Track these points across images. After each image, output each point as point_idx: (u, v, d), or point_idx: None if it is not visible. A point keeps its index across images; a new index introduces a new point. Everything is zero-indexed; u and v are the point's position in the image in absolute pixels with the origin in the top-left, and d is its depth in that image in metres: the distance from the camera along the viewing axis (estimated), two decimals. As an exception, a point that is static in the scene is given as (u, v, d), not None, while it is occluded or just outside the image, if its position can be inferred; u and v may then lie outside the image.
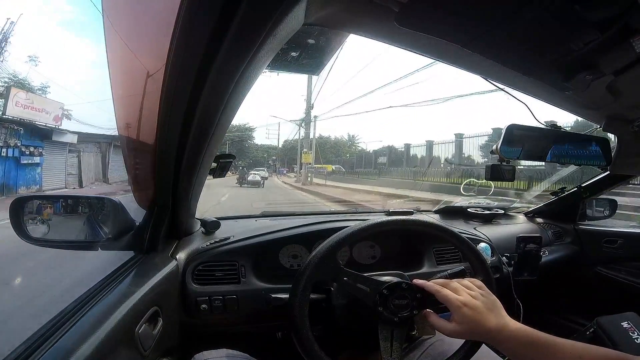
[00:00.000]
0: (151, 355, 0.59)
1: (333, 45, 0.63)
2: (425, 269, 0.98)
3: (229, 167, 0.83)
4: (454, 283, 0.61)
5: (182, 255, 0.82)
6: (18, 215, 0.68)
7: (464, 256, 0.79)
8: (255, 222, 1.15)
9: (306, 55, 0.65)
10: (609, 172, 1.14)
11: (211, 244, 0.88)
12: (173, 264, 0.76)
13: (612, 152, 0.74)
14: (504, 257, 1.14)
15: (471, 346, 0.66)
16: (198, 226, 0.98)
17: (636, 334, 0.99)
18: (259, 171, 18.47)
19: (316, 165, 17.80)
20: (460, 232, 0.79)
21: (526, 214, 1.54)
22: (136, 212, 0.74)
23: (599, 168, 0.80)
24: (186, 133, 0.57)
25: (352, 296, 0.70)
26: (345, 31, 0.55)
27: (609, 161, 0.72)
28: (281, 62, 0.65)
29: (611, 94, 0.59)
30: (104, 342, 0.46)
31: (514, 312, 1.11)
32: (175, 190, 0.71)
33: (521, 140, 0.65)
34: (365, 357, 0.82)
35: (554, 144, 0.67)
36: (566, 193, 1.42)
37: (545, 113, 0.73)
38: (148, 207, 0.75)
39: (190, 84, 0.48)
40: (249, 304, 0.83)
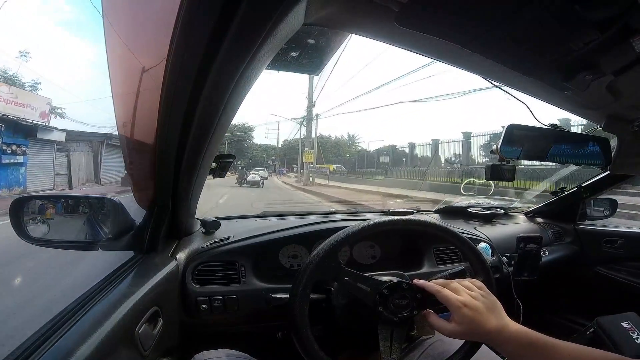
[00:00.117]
0: (151, 355, 0.59)
1: (333, 45, 0.63)
2: (425, 269, 0.98)
3: (229, 167, 0.83)
4: (454, 283, 0.61)
5: (182, 255, 0.82)
6: (18, 215, 0.69)
7: (464, 256, 0.79)
8: (255, 222, 1.15)
9: (306, 55, 0.65)
10: (609, 172, 1.14)
11: (211, 244, 0.88)
12: (173, 264, 0.76)
13: (612, 152, 0.74)
14: (504, 257, 1.14)
15: (471, 346, 0.66)
16: (198, 226, 0.98)
17: (636, 334, 0.99)
18: (258, 171, 18.41)
19: (318, 165, 17.58)
20: (461, 232, 0.79)
21: (526, 214, 1.54)
22: (136, 212, 0.74)
23: (599, 168, 0.80)
24: (186, 133, 0.57)
25: (352, 296, 0.70)
26: (345, 31, 0.55)
27: (609, 161, 0.72)
28: (281, 62, 0.65)
29: (611, 94, 0.59)
30: (104, 342, 0.46)
31: (514, 312, 1.11)
32: (175, 190, 0.72)
33: (521, 140, 0.65)
34: (365, 357, 0.82)
35: (554, 144, 0.68)
36: (566, 193, 1.42)
37: (546, 113, 0.73)
38: (148, 207, 0.75)
39: (190, 83, 0.49)
40: (249, 304, 0.83)
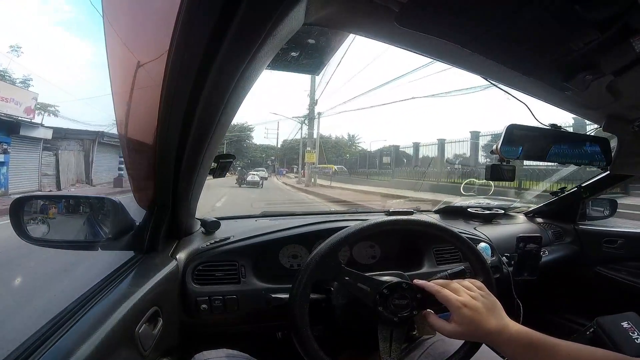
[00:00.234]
0: (151, 355, 0.59)
1: (333, 45, 0.63)
2: (425, 269, 0.98)
3: (229, 167, 0.83)
4: (454, 283, 0.61)
5: (182, 255, 0.82)
6: (18, 215, 0.69)
7: (464, 256, 0.79)
8: (255, 222, 1.15)
9: (306, 55, 0.65)
10: (609, 172, 1.14)
11: (211, 244, 0.88)
12: (173, 264, 0.76)
13: (612, 152, 0.74)
14: (504, 257, 1.15)
15: (471, 346, 0.66)
16: (198, 226, 0.98)
17: (636, 334, 0.99)
18: (258, 171, 18.39)
19: (320, 165, 17.34)
20: (461, 232, 0.79)
21: (526, 214, 1.54)
22: (136, 212, 0.74)
23: (599, 168, 0.80)
24: (186, 133, 0.57)
25: (352, 296, 0.70)
26: (345, 31, 0.55)
27: (609, 161, 0.72)
28: (281, 62, 0.65)
29: (611, 94, 0.59)
30: (104, 342, 0.46)
31: (514, 312, 1.11)
32: (175, 190, 0.71)
33: (521, 140, 0.65)
34: (365, 357, 0.82)
35: (553, 144, 0.68)
36: (566, 193, 1.42)
37: (546, 113, 0.73)
38: (148, 207, 0.75)
39: (190, 84, 0.48)
40: (249, 304, 0.83)
